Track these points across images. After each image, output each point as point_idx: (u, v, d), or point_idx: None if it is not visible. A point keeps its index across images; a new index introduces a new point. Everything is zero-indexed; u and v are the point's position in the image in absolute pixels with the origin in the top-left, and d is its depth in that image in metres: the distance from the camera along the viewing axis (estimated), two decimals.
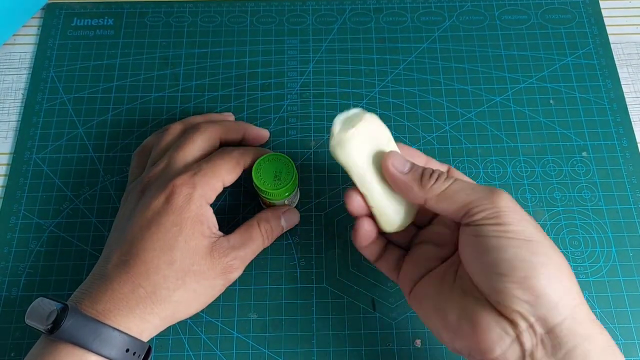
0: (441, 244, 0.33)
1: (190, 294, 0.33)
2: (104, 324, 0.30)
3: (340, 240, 0.40)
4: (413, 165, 0.31)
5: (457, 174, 0.34)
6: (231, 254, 0.34)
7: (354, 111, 0.31)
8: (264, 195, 0.37)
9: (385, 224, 0.32)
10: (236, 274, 0.35)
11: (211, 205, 0.35)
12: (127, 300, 0.31)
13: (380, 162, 0.31)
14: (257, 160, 0.36)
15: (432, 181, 0.30)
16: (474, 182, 0.31)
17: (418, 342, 0.37)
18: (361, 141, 0.30)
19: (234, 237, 0.35)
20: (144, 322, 0.31)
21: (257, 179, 0.36)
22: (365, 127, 0.30)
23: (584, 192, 0.41)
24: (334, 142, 0.30)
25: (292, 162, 0.36)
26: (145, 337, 0.32)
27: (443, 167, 0.35)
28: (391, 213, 0.32)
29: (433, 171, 0.30)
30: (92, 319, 0.29)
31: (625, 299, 0.38)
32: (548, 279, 0.25)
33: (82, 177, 0.42)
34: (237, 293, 0.38)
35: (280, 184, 0.36)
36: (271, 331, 0.37)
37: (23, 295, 0.38)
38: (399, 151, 0.32)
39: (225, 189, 0.36)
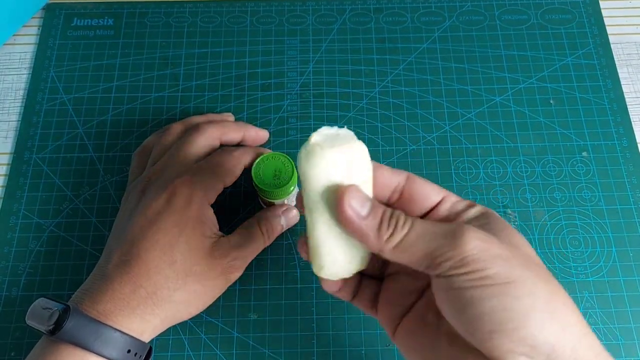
0: (415, 274, 0.27)
1: (191, 294, 0.33)
2: (105, 324, 0.30)
3: None
4: (373, 207, 0.25)
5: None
6: (232, 254, 0.34)
7: (344, 132, 0.25)
8: (263, 195, 0.37)
9: (320, 268, 0.26)
10: (237, 274, 0.35)
11: (211, 205, 0.35)
12: (128, 300, 0.31)
13: (337, 194, 0.25)
14: (257, 160, 0.36)
15: (390, 230, 0.24)
16: (437, 222, 0.25)
17: None
18: (334, 165, 0.24)
19: (235, 237, 0.35)
20: (145, 323, 0.31)
21: (257, 179, 0.36)
22: (348, 154, 0.24)
23: (584, 192, 0.41)
24: (305, 149, 0.24)
25: (291, 161, 0.36)
26: (146, 338, 0.32)
27: (462, 203, 0.28)
28: (331, 258, 0.26)
29: (392, 214, 0.25)
30: (93, 319, 0.29)
31: (626, 299, 0.38)
32: (540, 324, 0.22)
33: (82, 177, 0.42)
34: (237, 293, 0.38)
35: (280, 183, 0.36)
36: (271, 331, 0.37)
37: (23, 295, 0.38)
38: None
39: (225, 189, 0.36)
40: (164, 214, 0.33)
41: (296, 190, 0.39)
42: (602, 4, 0.49)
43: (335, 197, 0.24)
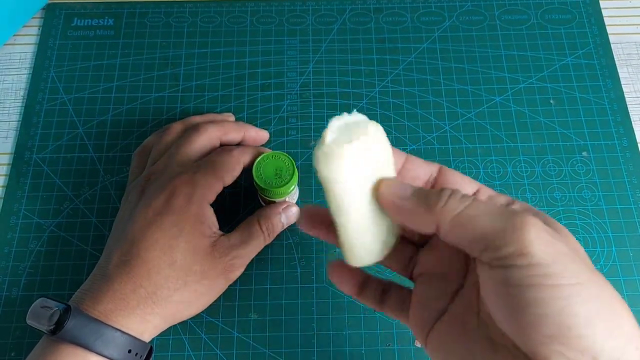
0: (448, 274, 0.26)
1: (191, 293, 0.33)
2: (106, 324, 0.30)
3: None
4: (415, 187, 0.24)
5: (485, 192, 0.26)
6: (232, 252, 0.34)
7: (356, 117, 0.24)
8: (264, 194, 0.37)
9: (354, 257, 0.26)
10: (237, 272, 0.35)
11: (211, 204, 0.35)
12: (128, 300, 0.31)
13: (374, 191, 0.24)
14: (258, 159, 0.36)
15: (444, 199, 0.22)
16: (503, 204, 0.24)
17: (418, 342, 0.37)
18: (355, 160, 0.23)
19: (235, 236, 0.35)
20: (145, 322, 0.31)
21: (257, 177, 0.36)
22: (366, 144, 0.23)
23: (584, 192, 0.41)
24: (321, 151, 0.23)
25: (292, 160, 0.36)
26: (146, 338, 0.32)
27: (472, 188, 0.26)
28: (364, 246, 0.25)
29: (443, 189, 0.23)
30: (94, 319, 0.30)
31: (626, 299, 0.38)
32: (607, 334, 0.19)
33: (82, 177, 0.42)
34: (237, 293, 0.38)
35: (281, 182, 0.36)
36: (272, 331, 0.37)
37: (23, 295, 0.38)
38: (394, 176, 0.25)
39: (225, 188, 0.36)
40: (163, 214, 0.33)
41: (297, 189, 0.39)
42: (602, 4, 0.49)
43: (366, 190, 0.24)
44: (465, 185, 0.26)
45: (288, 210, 0.38)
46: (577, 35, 0.48)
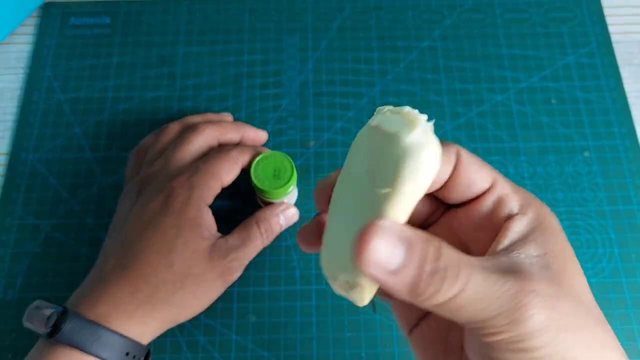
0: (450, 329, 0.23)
1: (189, 296, 0.32)
2: (104, 327, 0.29)
3: None
4: (409, 254, 0.18)
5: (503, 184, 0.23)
6: (230, 255, 0.34)
7: (425, 124, 0.20)
8: (262, 195, 0.36)
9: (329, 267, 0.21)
10: (236, 275, 0.34)
11: (209, 206, 0.35)
12: (126, 304, 0.31)
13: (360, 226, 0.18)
14: (256, 159, 0.36)
15: (434, 286, 0.18)
16: (496, 273, 0.19)
17: None
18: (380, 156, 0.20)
19: (233, 238, 0.34)
20: (144, 326, 0.31)
21: (255, 178, 0.35)
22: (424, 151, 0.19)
23: (586, 193, 0.41)
24: (373, 122, 0.20)
25: (290, 159, 0.36)
26: (145, 340, 0.32)
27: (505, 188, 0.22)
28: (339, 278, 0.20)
29: (436, 269, 0.18)
30: (91, 322, 0.29)
31: (628, 301, 0.38)
32: None
33: (78, 177, 0.42)
34: (235, 295, 0.38)
35: (279, 182, 0.35)
36: (270, 334, 0.37)
37: (20, 296, 0.38)
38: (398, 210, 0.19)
39: (223, 189, 0.36)
40: (161, 216, 0.32)
41: (296, 189, 0.39)
42: (603, 3, 0.48)
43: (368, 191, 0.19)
44: (478, 179, 0.22)
45: (287, 212, 0.37)
46: (578, 34, 0.47)
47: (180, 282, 0.32)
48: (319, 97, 0.45)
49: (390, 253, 0.17)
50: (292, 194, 0.38)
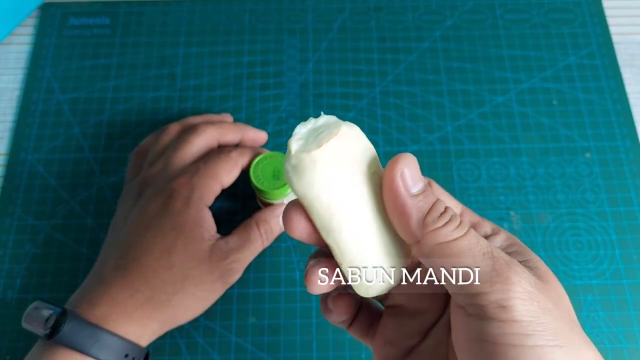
0: (418, 312, 0.24)
1: (189, 298, 0.32)
2: (103, 329, 0.29)
3: None
4: (427, 190, 0.21)
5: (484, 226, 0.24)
6: (230, 256, 0.33)
7: (325, 119, 0.21)
8: (262, 196, 0.36)
9: (361, 286, 0.21)
10: (235, 276, 0.34)
11: (209, 207, 0.35)
12: (126, 305, 0.30)
13: (377, 175, 0.21)
14: (255, 160, 0.36)
15: (440, 223, 0.20)
16: (497, 247, 0.21)
17: None
18: (331, 166, 0.20)
19: (233, 239, 0.34)
20: (143, 327, 0.31)
21: (255, 179, 0.35)
22: (339, 146, 0.20)
23: (587, 194, 0.41)
24: (289, 164, 0.20)
25: None
26: (144, 342, 0.31)
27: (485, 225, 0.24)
28: (369, 268, 0.21)
29: (446, 210, 0.20)
30: (90, 323, 0.29)
31: (629, 302, 0.37)
32: None
33: (78, 178, 0.42)
34: (235, 297, 0.38)
35: (279, 183, 0.35)
36: (270, 335, 0.37)
37: (19, 297, 0.38)
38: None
39: (223, 190, 0.36)
40: (161, 217, 0.32)
41: None
42: (604, 3, 0.48)
43: (356, 199, 0.20)
44: (449, 205, 0.23)
45: None
46: (579, 35, 0.47)
47: (180, 284, 0.32)
48: (319, 98, 0.45)
49: (413, 178, 0.20)
50: (292, 194, 0.38)
